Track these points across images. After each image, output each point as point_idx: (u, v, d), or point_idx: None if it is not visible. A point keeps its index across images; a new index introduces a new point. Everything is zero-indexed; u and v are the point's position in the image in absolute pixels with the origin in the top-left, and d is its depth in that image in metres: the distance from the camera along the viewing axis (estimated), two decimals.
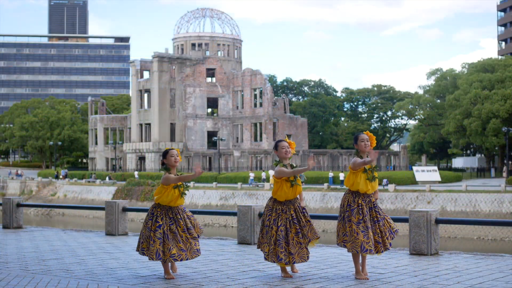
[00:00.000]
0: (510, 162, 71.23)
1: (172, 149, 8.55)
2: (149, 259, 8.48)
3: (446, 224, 39.67)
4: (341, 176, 56.79)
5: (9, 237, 13.94)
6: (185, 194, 8.54)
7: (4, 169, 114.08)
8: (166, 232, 8.36)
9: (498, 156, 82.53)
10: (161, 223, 8.39)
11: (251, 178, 62.03)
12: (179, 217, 8.46)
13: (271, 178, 53.16)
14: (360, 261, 8.27)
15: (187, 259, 8.38)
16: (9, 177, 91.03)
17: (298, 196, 8.42)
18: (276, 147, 8.50)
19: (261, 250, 8.42)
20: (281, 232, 8.21)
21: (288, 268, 8.64)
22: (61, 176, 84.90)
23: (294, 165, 8.41)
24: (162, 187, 8.45)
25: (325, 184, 54.82)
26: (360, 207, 8.11)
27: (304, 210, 8.41)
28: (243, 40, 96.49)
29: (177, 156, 8.53)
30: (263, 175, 63.02)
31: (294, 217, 8.27)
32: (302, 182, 8.40)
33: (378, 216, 8.18)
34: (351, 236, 8.05)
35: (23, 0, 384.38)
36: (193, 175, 8.32)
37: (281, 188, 8.30)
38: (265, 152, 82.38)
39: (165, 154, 8.55)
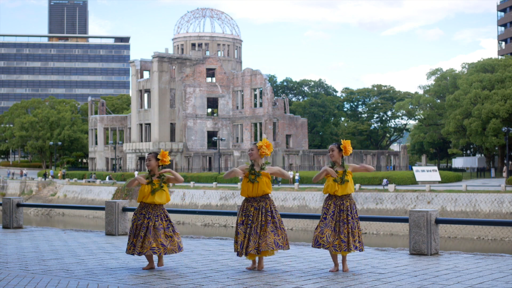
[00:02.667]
0: (510, 162, 71.18)
1: (150, 153, 9.29)
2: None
3: (446, 224, 39.67)
4: None
5: (9, 237, 13.93)
6: (157, 190, 9.03)
7: (4, 169, 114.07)
8: (133, 228, 9.02)
9: (498, 156, 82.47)
10: (133, 217, 9.09)
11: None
12: (150, 216, 9.01)
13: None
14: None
15: (138, 254, 8.91)
16: (8, 177, 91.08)
17: (265, 196, 8.77)
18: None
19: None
20: (239, 225, 8.74)
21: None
22: (50, 176, 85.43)
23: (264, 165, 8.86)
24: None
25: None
26: (327, 207, 8.74)
27: (270, 212, 8.71)
28: (243, 40, 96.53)
29: (147, 161, 9.16)
30: None
31: (251, 214, 8.70)
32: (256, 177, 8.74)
33: (350, 219, 8.63)
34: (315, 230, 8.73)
35: (23, 0, 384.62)
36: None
37: (243, 184, 8.91)
38: None
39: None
